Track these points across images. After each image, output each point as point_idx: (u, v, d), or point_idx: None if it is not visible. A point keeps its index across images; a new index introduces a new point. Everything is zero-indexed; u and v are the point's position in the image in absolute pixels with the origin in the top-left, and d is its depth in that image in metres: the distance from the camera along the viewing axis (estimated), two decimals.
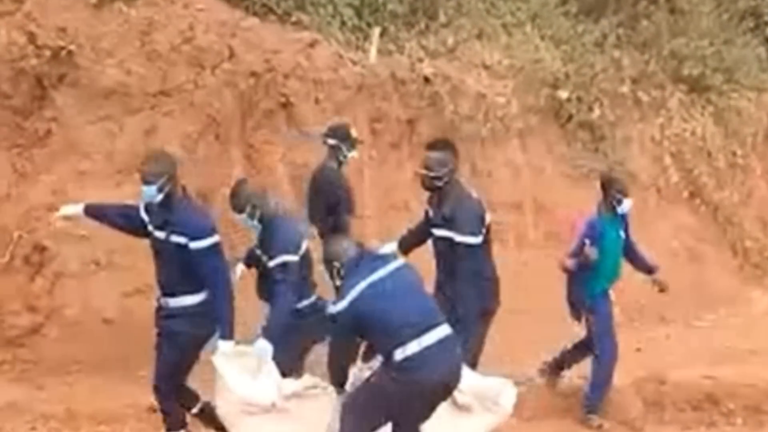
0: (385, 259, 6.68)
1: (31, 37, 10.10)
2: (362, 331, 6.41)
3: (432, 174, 7.61)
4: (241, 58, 10.78)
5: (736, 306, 13.08)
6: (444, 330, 6.44)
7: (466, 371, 6.73)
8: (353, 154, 9.41)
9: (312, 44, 11.48)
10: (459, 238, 7.47)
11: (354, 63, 11.72)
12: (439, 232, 7.67)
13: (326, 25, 12.07)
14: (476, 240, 7.52)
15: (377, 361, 6.62)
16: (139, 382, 8.53)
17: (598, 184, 9.25)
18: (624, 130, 14.20)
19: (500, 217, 12.46)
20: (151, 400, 7.65)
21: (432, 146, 7.91)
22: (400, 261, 6.75)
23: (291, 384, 6.99)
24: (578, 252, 8.88)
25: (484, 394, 6.95)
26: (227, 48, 10.77)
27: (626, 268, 11.39)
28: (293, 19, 11.87)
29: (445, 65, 12.63)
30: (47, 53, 10.06)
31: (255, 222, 7.44)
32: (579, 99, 13.74)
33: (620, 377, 10.01)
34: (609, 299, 9.16)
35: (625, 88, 14.31)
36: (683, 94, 15.14)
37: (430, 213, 7.87)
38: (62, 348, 9.51)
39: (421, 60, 12.50)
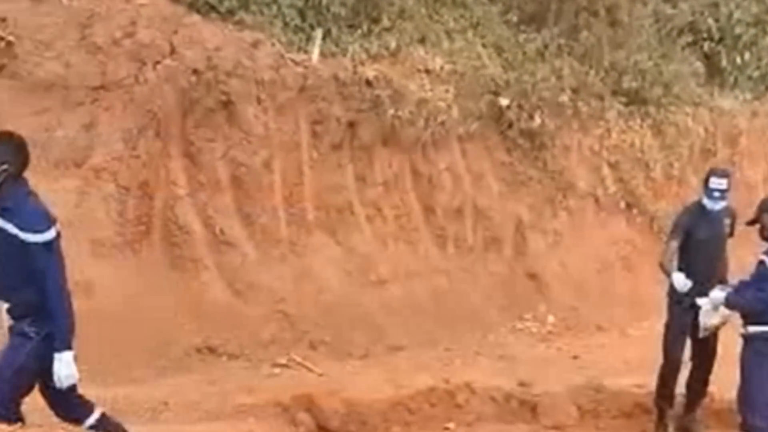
0: None
1: None
2: None
3: None
4: (183, 54, 10.66)
5: None
6: None
7: None
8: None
9: (254, 44, 11.38)
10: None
11: (296, 63, 11.63)
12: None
13: (269, 25, 11.96)
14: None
15: None
16: None
17: None
18: (563, 139, 14.24)
19: (440, 222, 12.51)
20: None
21: None
22: None
23: None
24: None
25: None
26: (168, 44, 10.65)
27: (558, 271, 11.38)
28: (236, 17, 11.75)
29: (387, 68, 12.55)
30: None
31: None
32: (519, 107, 13.70)
33: (556, 384, 10.07)
34: None
35: (565, 98, 14.31)
36: (622, 105, 15.24)
37: None
38: None
39: (363, 63, 12.42)
